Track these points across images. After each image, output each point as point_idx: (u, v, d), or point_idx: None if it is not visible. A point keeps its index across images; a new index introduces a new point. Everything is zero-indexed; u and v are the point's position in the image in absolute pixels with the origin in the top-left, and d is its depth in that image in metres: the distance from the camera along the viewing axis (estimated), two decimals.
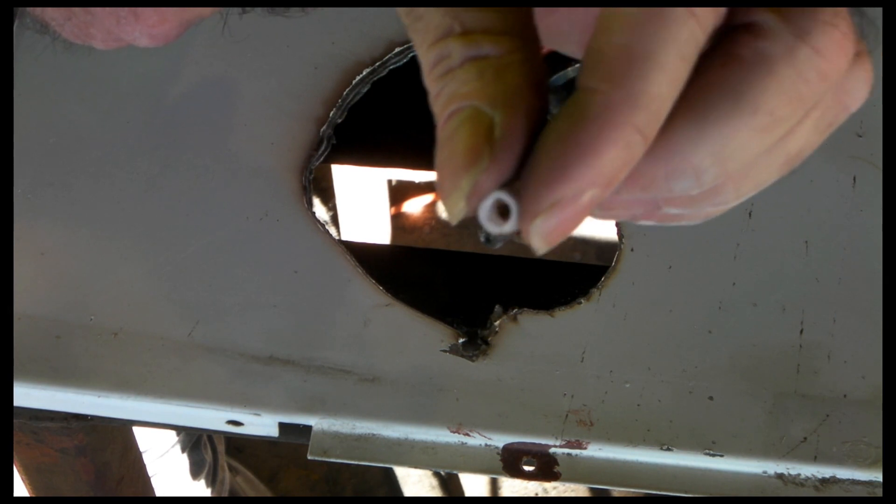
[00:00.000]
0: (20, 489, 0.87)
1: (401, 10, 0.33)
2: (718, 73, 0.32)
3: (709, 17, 0.31)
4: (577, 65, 0.33)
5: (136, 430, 0.95)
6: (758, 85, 0.32)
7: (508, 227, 0.32)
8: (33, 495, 0.87)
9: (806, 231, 0.74)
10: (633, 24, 0.30)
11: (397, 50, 0.82)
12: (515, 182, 0.32)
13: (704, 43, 0.32)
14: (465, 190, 0.31)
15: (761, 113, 0.32)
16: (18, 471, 0.84)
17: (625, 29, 0.30)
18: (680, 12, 0.30)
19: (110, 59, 0.81)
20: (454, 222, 0.32)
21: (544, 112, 0.32)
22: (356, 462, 0.66)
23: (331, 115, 0.79)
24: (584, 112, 0.30)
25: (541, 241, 0.31)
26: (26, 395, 0.69)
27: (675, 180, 0.32)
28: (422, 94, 0.33)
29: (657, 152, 0.32)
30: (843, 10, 0.33)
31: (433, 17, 0.32)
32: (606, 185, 0.31)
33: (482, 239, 0.35)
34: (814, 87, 0.33)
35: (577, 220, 0.31)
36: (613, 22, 0.30)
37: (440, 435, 0.67)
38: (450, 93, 0.31)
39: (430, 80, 0.32)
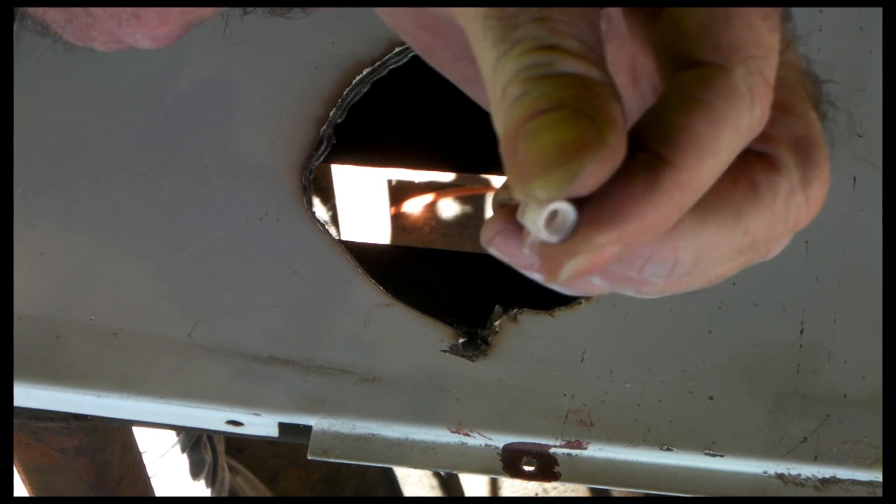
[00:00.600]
0: (20, 489, 0.87)
1: (488, 12, 0.33)
2: (728, 187, 0.34)
3: (757, 129, 0.33)
4: None
5: (136, 430, 0.95)
6: (758, 211, 0.34)
7: (554, 237, 0.32)
8: (33, 495, 0.87)
9: (806, 231, 0.73)
10: (708, 113, 0.32)
11: (397, 50, 0.82)
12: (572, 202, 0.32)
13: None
14: (574, 172, 0.31)
15: (748, 236, 0.35)
16: (18, 471, 0.84)
17: (700, 114, 0.32)
18: (745, 118, 0.32)
19: (111, 59, 0.81)
20: (536, 202, 0.32)
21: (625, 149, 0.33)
22: (356, 462, 0.66)
23: (331, 115, 0.79)
24: (651, 175, 0.32)
25: (565, 278, 0.32)
26: (26, 395, 0.69)
27: (654, 264, 0.34)
28: (421, 94, 0.33)
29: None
30: (829, 172, 0.36)
31: (531, 31, 0.32)
32: (631, 246, 0.32)
33: (484, 241, 0.35)
34: (787, 228, 0.36)
35: (593, 270, 0.32)
36: (689, 104, 0.32)
37: (440, 435, 0.67)
38: (546, 93, 0.31)
39: (515, 82, 0.32)
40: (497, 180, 1.70)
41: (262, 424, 0.68)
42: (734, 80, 0.32)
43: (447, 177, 1.89)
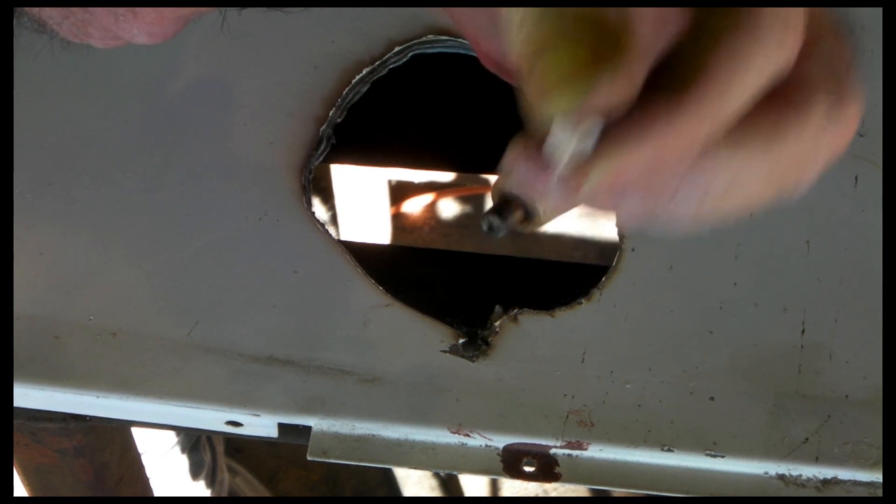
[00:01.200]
0: (18, 490, 0.87)
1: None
2: (760, 116, 0.35)
3: (785, 65, 0.34)
4: None
5: (136, 430, 0.94)
6: (788, 139, 0.35)
7: (587, 144, 0.32)
8: (32, 496, 0.87)
9: (807, 231, 0.73)
10: (737, 48, 0.33)
11: (397, 49, 0.81)
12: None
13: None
14: (586, 89, 0.31)
15: (780, 162, 0.35)
16: (17, 471, 0.84)
17: (729, 50, 0.33)
18: (773, 55, 0.33)
19: (109, 57, 0.81)
20: (543, 118, 0.33)
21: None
22: (356, 463, 0.66)
23: (330, 114, 0.79)
24: (677, 100, 0.33)
25: (591, 187, 0.33)
26: (25, 396, 0.69)
27: (686, 186, 0.35)
28: (421, 94, 0.33)
29: None
30: (859, 105, 0.37)
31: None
32: (655, 171, 0.33)
33: (485, 227, 0.36)
34: (817, 158, 0.36)
35: (619, 183, 0.33)
36: (719, 40, 0.33)
37: (440, 436, 0.66)
38: (566, 17, 0.32)
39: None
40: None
41: (261, 425, 0.68)
42: (765, 18, 0.33)
43: (447, 177, 1.89)
